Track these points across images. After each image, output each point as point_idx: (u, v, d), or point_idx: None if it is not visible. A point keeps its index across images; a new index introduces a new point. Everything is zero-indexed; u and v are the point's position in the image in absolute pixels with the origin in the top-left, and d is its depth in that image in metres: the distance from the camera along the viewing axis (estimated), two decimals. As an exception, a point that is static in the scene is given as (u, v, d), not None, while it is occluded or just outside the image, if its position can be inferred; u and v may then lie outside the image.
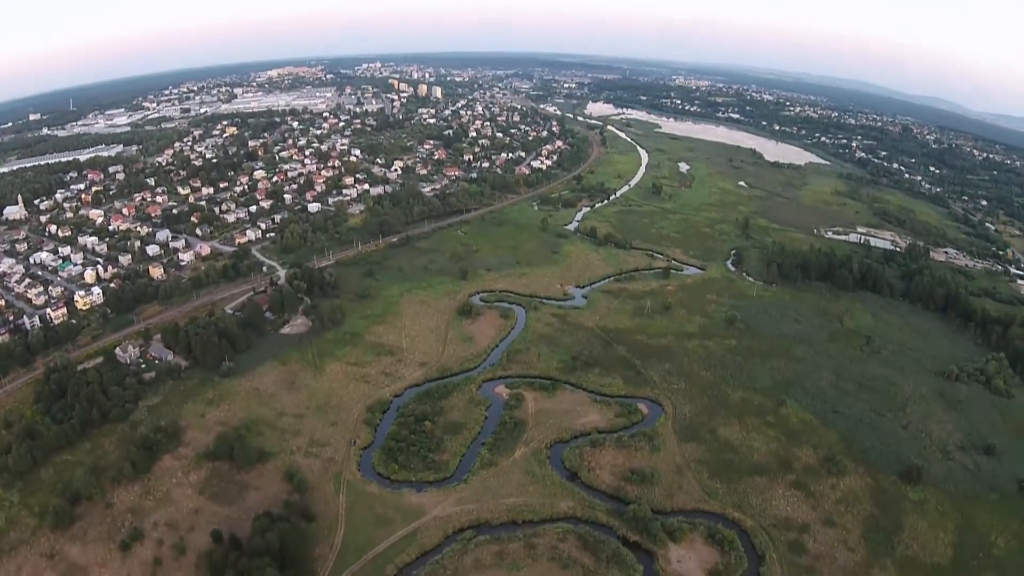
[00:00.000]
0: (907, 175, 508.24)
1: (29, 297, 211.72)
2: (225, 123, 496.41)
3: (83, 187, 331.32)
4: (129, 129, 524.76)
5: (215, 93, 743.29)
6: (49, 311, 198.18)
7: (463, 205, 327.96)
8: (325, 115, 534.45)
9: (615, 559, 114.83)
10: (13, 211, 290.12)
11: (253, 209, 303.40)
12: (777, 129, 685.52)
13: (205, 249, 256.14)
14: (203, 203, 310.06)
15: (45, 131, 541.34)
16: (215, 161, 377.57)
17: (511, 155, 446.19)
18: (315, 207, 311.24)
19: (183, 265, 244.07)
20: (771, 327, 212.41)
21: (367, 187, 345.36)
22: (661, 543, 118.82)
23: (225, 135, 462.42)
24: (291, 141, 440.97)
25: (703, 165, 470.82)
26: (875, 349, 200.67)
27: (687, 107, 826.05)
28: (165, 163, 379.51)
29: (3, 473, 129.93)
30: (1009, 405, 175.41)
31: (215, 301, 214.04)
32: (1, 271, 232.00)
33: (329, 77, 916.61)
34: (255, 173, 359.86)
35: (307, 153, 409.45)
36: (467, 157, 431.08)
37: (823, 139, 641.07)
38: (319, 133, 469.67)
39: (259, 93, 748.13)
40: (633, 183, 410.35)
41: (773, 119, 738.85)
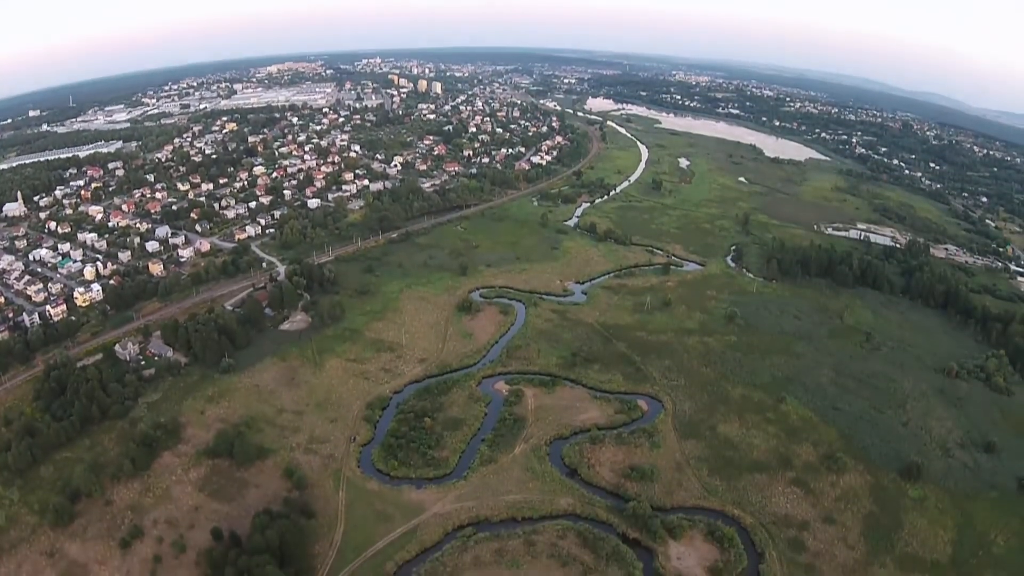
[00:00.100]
0: (907, 171, 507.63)
1: (29, 294, 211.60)
2: (225, 119, 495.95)
3: (82, 183, 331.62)
4: (129, 125, 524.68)
5: (215, 89, 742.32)
6: (49, 308, 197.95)
7: (463, 201, 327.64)
8: (325, 111, 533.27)
9: (615, 556, 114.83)
10: (12, 208, 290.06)
11: (253, 205, 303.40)
12: (777, 125, 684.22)
13: (205, 245, 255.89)
14: (203, 199, 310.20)
15: (45, 127, 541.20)
16: (215, 157, 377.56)
17: (511, 151, 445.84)
18: (315, 203, 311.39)
19: (183, 261, 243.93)
20: (771, 323, 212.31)
21: (367, 183, 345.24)
22: (661, 540, 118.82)
23: (225, 131, 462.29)
24: (291, 137, 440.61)
25: (703, 161, 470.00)
26: (875, 346, 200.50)
27: (687, 103, 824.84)
28: (165, 159, 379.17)
29: (3, 471, 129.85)
30: (1009, 403, 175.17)
31: (215, 297, 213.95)
32: (1, 268, 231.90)
33: (329, 73, 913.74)
34: (255, 169, 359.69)
35: (307, 149, 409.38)
36: (467, 153, 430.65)
37: (823, 135, 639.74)
38: (319, 129, 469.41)
39: (259, 89, 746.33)
40: (633, 179, 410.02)
41: (773, 115, 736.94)
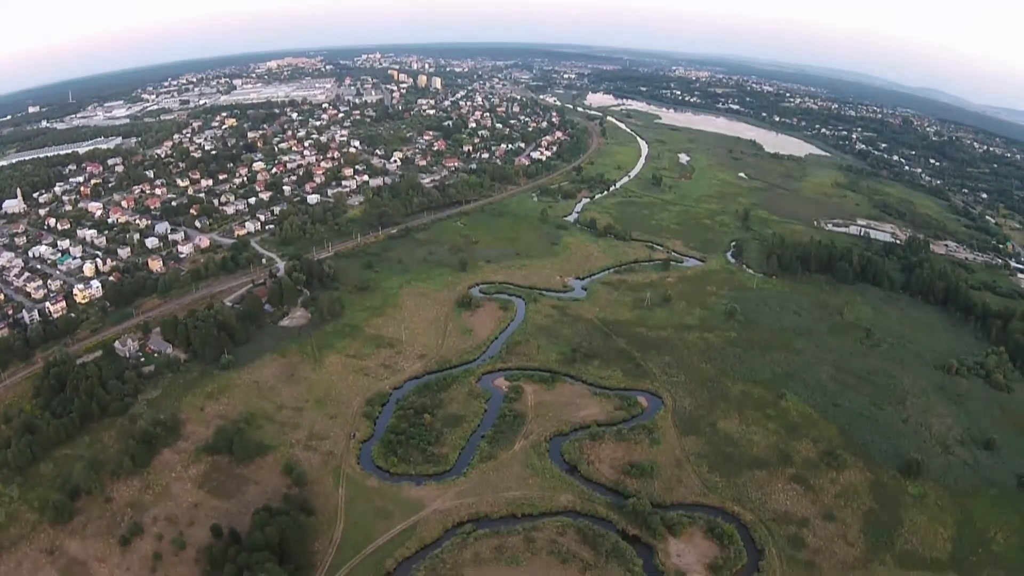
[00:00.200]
0: (907, 167, 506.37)
1: (28, 291, 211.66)
2: (224, 115, 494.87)
3: (82, 180, 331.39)
4: (128, 121, 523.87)
5: (214, 84, 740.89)
6: (48, 305, 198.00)
7: (462, 196, 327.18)
8: (324, 106, 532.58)
9: (614, 553, 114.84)
10: (12, 204, 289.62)
11: (252, 201, 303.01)
12: (777, 120, 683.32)
13: (204, 241, 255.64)
14: (202, 195, 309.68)
15: (44, 124, 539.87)
16: (214, 153, 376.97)
17: (511, 146, 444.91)
18: (314, 199, 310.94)
19: (182, 258, 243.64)
20: (771, 319, 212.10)
21: (366, 178, 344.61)
22: (661, 537, 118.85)
23: (224, 127, 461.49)
24: (290, 132, 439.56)
25: (703, 156, 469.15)
26: (875, 342, 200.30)
27: (687, 98, 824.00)
28: (164, 155, 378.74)
29: (3, 468, 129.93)
30: (1009, 400, 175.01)
31: (214, 294, 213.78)
32: (0, 265, 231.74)
33: (328, 68, 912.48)
34: (254, 165, 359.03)
35: (306, 144, 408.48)
36: (466, 148, 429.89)
37: (823, 131, 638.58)
38: (318, 124, 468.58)
39: (258, 84, 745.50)
40: (633, 174, 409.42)
41: (773, 110, 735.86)
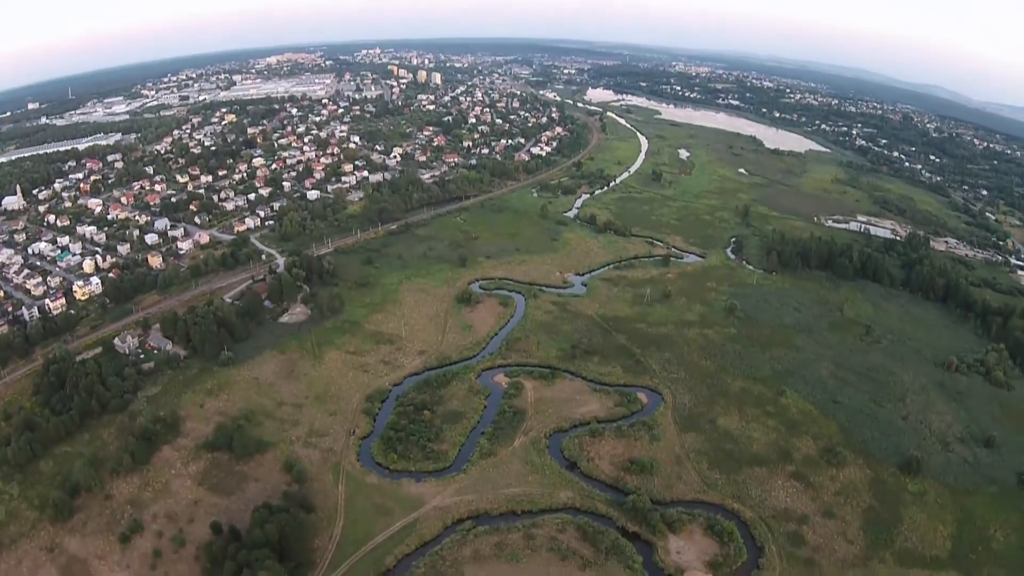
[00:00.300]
0: (907, 163, 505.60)
1: (28, 288, 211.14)
2: (224, 110, 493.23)
3: (82, 176, 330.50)
4: (128, 117, 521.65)
5: (214, 80, 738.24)
6: (48, 302, 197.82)
7: (462, 192, 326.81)
8: (324, 102, 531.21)
9: (614, 550, 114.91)
10: (11, 201, 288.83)
11: (252, 197, 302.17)
12: (777, 116, 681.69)
13: (204, 237, 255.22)
14: (202, 191, 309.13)
15: (44, 120, 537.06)
16: (214, 149, 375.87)
17: (510, 141, 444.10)
18: (314, 194, 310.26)
19: (182, 254, 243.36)
20: (771, 316, 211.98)
21: (366, 174, 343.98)
22: (660, 534, 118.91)
23: (224, 122, 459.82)
24: (290, 128, 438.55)
25: (703, 152, 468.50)
26: (875, 339, 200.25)
27: (687, 93, 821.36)
28: (164, 151, 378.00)
29: (2, 465, 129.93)
30: (1009, 397, 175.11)
31: (214, 290, 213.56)
32: (0, 262, 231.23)
33: (328, 63, 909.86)
34: (254, 161, 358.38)
35: (306, 140, 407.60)
36: (466, 143, 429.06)
37: (823, 126, 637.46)
38: (318, 120, 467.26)
39: (258, 80, 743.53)
40: (633, 170, 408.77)
41: (773, 106, 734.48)
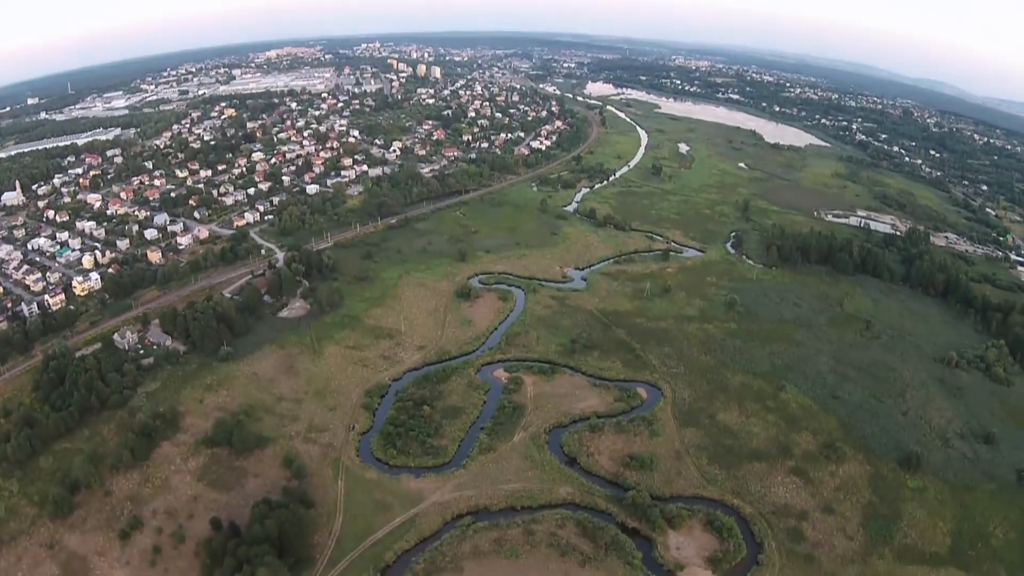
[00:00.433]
0: (907, 158, 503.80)
1: (27, 283, 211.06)
2: (223, 105, 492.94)
3: (81, 171, 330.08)
4: (127, 112, 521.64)
5: (213, 75, 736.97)
6: (47, 297, 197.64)
7: (462, 186, 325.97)
8: (324, 96, 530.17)
9: (614, 545, 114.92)
10: (11, 197, 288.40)
11: (251, 191, 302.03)
12: (777, 110, 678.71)
13: (203, 232, 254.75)
14: (201, 186, 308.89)
15: (43, 115, 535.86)
16: (213, 143, 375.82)
17: (510, 135, 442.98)
18: (313, 189, 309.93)
19: (181, 249, 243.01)
20: (771, 311, 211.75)
21: (366, 168, 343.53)
22: (660, 530, 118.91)
23: (223, 117, 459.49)
24: (289, 122, 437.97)
25: (703, 146, 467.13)
26: (875, 334, 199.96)
27: (687, 87, 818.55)
28: (163, 146, 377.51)
29: (2, 462, 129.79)
30: (1008, 393, 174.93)
31: (213, 285, 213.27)
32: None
33: (328, 57, 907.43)
34: (253, 155, 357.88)
35: (306, 134, 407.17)
36: (466, 138, 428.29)
37: (823, 121, 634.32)
38: (318, 114, 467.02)
39: (257, 74, 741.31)
40: (633, 164, 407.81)
41: (773, 100, 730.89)
